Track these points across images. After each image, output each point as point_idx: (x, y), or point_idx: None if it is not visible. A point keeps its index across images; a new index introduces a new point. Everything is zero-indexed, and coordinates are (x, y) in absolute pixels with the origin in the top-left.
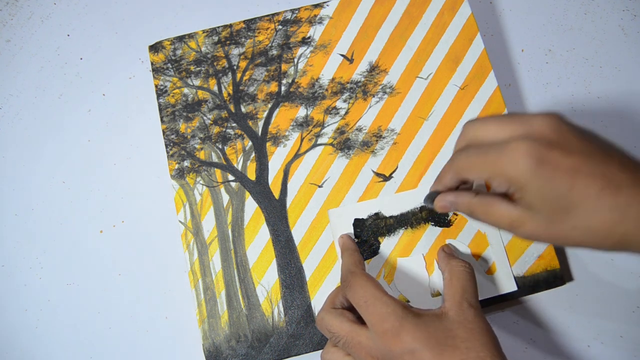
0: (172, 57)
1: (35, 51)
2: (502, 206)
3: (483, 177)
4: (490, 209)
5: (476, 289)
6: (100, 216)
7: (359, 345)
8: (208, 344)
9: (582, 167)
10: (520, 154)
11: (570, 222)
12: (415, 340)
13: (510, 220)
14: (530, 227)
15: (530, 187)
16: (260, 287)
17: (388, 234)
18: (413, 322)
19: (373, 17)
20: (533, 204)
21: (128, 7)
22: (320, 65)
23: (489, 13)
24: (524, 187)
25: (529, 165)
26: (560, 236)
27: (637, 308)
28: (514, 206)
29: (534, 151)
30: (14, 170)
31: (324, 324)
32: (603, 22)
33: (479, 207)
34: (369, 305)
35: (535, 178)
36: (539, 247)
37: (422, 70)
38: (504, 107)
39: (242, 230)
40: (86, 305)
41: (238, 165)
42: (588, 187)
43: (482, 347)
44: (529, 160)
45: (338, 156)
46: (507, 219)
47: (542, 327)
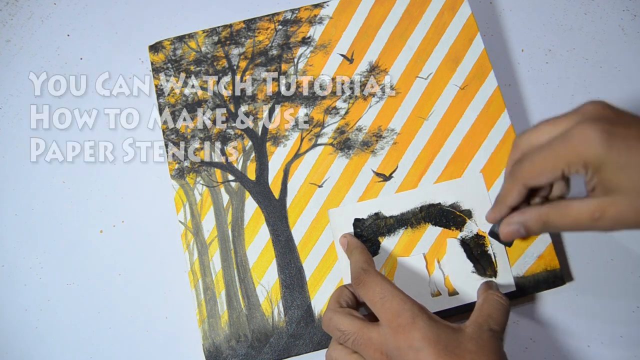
0: (172, 57)
1: (35, 51)
2: (577, 202)
3: (557, 172)
4: (566, 210)
5: (504, 321)
6: (100, 216)
7: (369, 341)
8: (208, 344)
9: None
10: (590, 133)
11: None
12: (424, 339)
13: (590, 212)
14: (615, 210)
15: (609, 163)
16: (260, 287)
17: (388, 234)
18: (427, 322)
19: (373, 17)
20: (615, 182)
21: (128, 7)
22: (320, 65)
23: (489, 13)
24: (602, 166)
25: (601, 140)
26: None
27: (637, 308)
28: (591, 198)
29: (601, 127)
30: (14, 170)
31: (332, 323)
32: (603, 22)
33: (553, 214)
34: (385, 301)
35: (611, 152)
36: (539, 247)
37: (422, 70)
38: (504, 107)
39: (242, 230)
40: (86, 305)
41: (238, 165)
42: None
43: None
44: (600, 135)
45: (338, 156)
46: (586, 212)
47: (542, 327)
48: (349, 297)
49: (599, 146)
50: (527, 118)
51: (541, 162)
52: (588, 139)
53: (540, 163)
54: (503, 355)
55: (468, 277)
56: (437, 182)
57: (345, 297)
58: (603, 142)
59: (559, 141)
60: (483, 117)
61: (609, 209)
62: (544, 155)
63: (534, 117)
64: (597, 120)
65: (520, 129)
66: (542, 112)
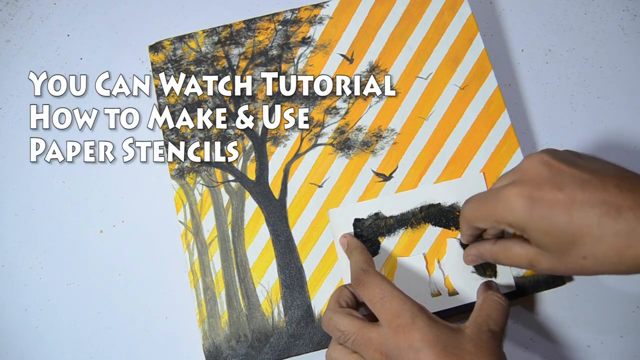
0: (172, 57)
1: (35, 51)
2: (517, 248)
3: (489, 224)
4: (509, 253)
5: (503, 321)
6: (100, 216)
7: (369, 341)
8: (208, 344)
9: (577, 197)
10: (513, 198)
11: (579, 252)
12: (424, 339)
13: (527, 259)
14: (546, 264)
15: (530, 228)
16: (260, 287)
17: (388, 234)
18: (426, 322)
19: (373, 17)
20: (539, 243)
21: (128, 7)
22: (320, 65)
23: (489, 13)
24: (525, 229)
25: (523, 207)
26: (575, 267)
27: (637, 308)
28: (529, 246)
29: (524, 192)
30: (14, 170)
31: (332, 323)
32: (603, 22)
33: (500, 253)
34: (385, 301)
35: (532, 218)
36: None
37: (422, 70)
38: (503, 107)
39: (242, 230)
40: (86, 305)
41: (238, 165)
42: (587, 216)
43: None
44: (522, 202)
45: (338, 156)
46: (525, 259)
47: (542, 327)
48: (348, 297)
49: (522, 213)
50: (527, 118)
51: (477, 212)
52: (512, 206)
53: (476, 213)
54: (502, 355)
55: (468, 277)
56: (437, 182)
57: (345, 297)
58: (525, 209)
59: (491, 198)
60: (483, 117)
61: (542, 260)
62: (478, 207)
63: (534, 117)
64: (525, 184)
65: (520, 129)
66: (542, 112)
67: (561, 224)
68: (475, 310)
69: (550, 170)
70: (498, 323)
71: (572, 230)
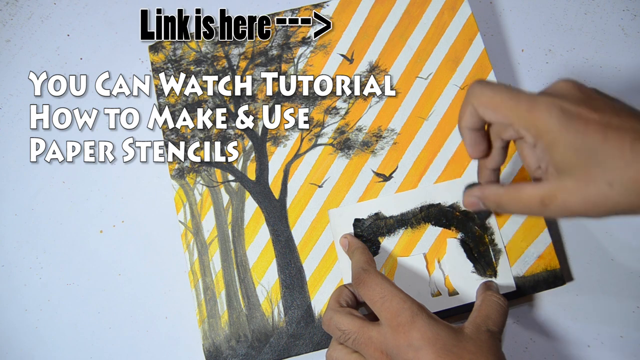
0: (172, 57)
1: (35, 51)
2: (529, 187)
3: (508, 121)
4: (518, 194)
5: (502, 321)
6: (100, 216)
7: (369, 340)
8: (208, 344)
9: (612, 121)
10: (551, 108)
11: (605, 177)
12: (423, 338)
13: (540, 197)
14: (563, 197)
15: (561, 142)
16: (260, 287)
17: (388, 234)
18: (426, 321)
19: (373, 17)
20: (565, 162)
21: (128, 7)
22: (320, 65)
23: (489, 13)
24: (554, 143)
25: (560, 119)
26: (597, 198)
27: (637, 308)
28: (542, 183)
29: (564, 106)
30: (14, 170)
31: (332, 322)
32: (603, 22)
33: (507, 196)
34: (385, 300)
35: (567, 132)
36: (539, 247)
37: (422, 70)
38: None
39: (242, 230)
40: (86, 305)
41: (238, 165)
42: (621, 139)
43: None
44: (560, 114)
45: (338, 156)
46: (536, 197)
47: (542, 327)
48: (349, 297)
49: (557, 124)
50: None
51: (501, 100)
52: (549, 115)
53: (500, 100)
54: (501, 355)
55: (468, 277)
56: (437, 182)
57: (345, 296)
58: (561, 122)
59: (524, 96)
60: None
61: (559, 194)
62: (504, 97)
63: None
64: (563, 98)
65: None
66: None
67: (594, 143)
68: (474, 311)
69: (584, 94)
70: (497, 323)
71: (604, 151)
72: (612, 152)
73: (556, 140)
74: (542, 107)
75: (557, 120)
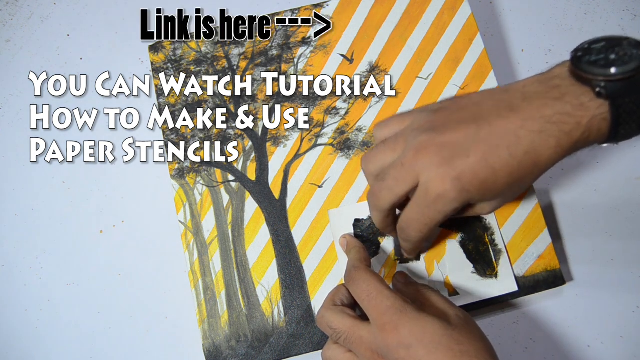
0: (172, 57)
1: (35, 51)
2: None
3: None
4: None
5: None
6: (100, 216)
7: (360, 340)
8: (208, 344)
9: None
10: (447, 189)
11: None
12: (412, 335)
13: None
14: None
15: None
16: (260, 287)
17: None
18: (412, 316)
19: (373, 17)
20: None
21: (128, 7)
22: (320, 65)
23: (489, 13)
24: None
25: (457, 193)
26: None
27: (637, 308)
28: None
29: (451, 176)
30: (14, 170)
31: (324, 321)
32: (603, 22)
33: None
34: (371, 299)
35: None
36: (539, 247)
37: (422, 70)
38: None
39: (242, 230)
40: (86, 305)
41: (238, 165)
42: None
43: (476, 352)
44: (455, 188)
45: (338, 156)
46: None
47: (542, 327)
48: (344, 296)
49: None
50: None
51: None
52: (446, 197)
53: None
54: (487, 339)
55: (468, 277)
56: None
57: (341, 295)
58: (458, 190)
59: (424, 200)
60: None
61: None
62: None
63: None
64: (440, 166)
65: None
66: None
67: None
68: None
69: (440, 132)
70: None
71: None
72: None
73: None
74: (439, 192)
75: (456, 195)
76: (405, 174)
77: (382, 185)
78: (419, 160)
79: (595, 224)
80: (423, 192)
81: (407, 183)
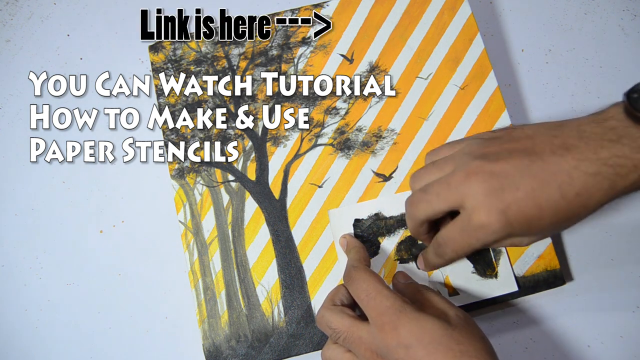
0: (172, 57)
1: (35, 51)
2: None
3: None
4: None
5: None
6: (100, 216)
7: (359, 340)
8: (208, 344)
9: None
10: (490, 216)
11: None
12: (411, 335)
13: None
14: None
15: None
16: (260, 287)
17: (388, 234)
18: (411, 317)
19: (373, 17)
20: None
21: (128, 7)
22: (320, 65)
23: (489, 13)
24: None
25: (500, 221)
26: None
27: (637, 308)
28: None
29: (497, 206)
30: (14, 170)
31: (324, 320)
32: (603, 22)
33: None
34: (370, 299)
35: (513, 228)
36: (539, 247)
37: (422, 70)
38: (504, 107)
39: (242, 230)
40: (86, 305)
41: (238, 165)
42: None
43: (476, 352)
44: (498, 216)
45: (338, 156)
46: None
47: (542, 327)
48: (344, 296)
49: (498, 223)
50: (527, 118)
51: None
52: (489, 228)
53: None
54: (486, 338)
55: (468, 277)
56: None
57: (340, 295)
58: (502, 224)
59: (465, 225)
60: (483, 117)
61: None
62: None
63: (534, 117)
64: (488, 195)
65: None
66: (542, 112)
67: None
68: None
69: (491, 161)
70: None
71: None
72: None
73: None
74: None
75: (499, 224)
76: (449, 193)
77: (423, 197)
78: (467, 184)
79: (595, 224)
80: (467, 217)
81: (449, 202)
